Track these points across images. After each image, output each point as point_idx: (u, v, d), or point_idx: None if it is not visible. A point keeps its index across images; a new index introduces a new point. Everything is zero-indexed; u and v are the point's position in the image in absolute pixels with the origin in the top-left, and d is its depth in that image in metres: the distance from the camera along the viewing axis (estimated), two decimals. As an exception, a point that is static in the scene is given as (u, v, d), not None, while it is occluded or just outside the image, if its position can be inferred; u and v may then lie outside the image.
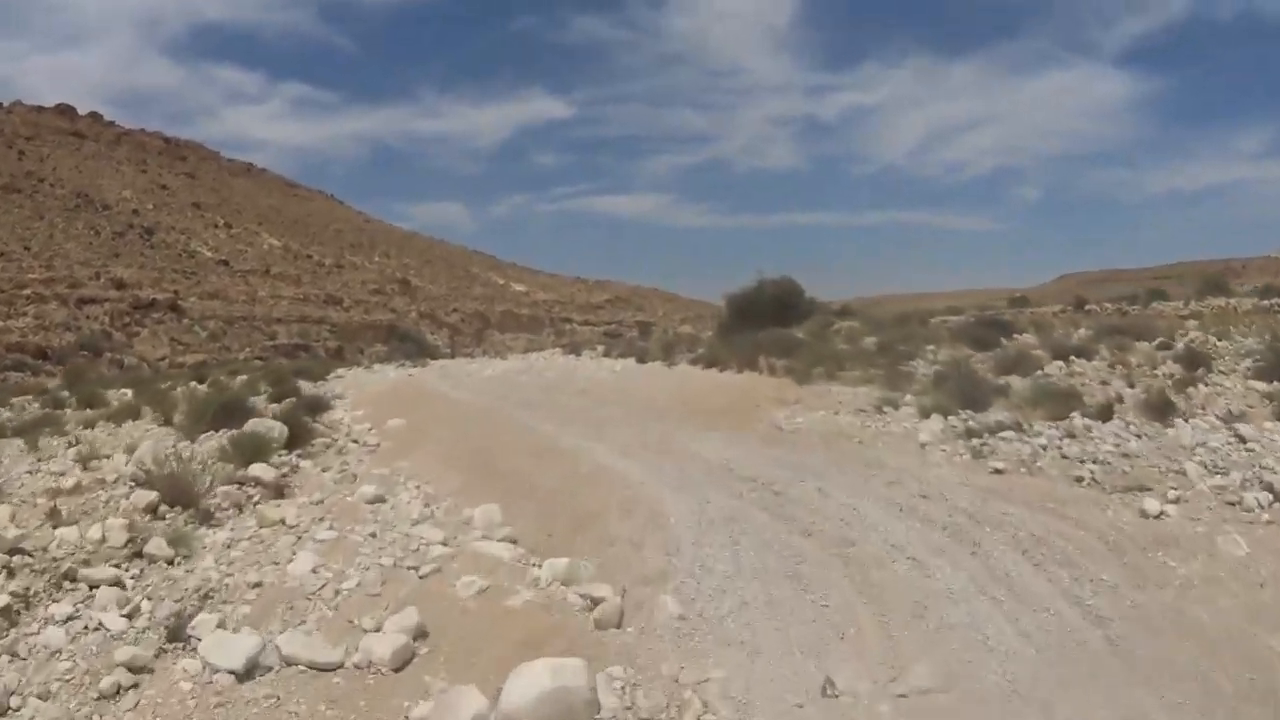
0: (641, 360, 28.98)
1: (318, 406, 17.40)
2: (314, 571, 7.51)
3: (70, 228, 61.68)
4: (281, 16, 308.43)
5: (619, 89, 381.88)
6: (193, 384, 26.62)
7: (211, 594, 7.20)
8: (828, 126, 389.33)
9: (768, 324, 27.22)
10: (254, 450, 11.25)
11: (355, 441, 14.95)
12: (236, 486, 10.50)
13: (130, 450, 12.58)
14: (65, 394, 25.26)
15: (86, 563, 7.34)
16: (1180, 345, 18.37)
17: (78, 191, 70.17)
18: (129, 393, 25.72)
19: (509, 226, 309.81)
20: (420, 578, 7.47)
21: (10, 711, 5.55)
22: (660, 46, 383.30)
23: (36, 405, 23.41)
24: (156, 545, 7.78)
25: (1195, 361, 16.55)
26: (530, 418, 15.95)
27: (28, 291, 46.98)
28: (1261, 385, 14.53)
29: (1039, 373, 17.05)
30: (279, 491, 10.81)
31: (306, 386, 28.70)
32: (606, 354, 36.90)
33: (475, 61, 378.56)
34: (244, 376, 30.41)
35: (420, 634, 6.27)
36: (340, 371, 38.71)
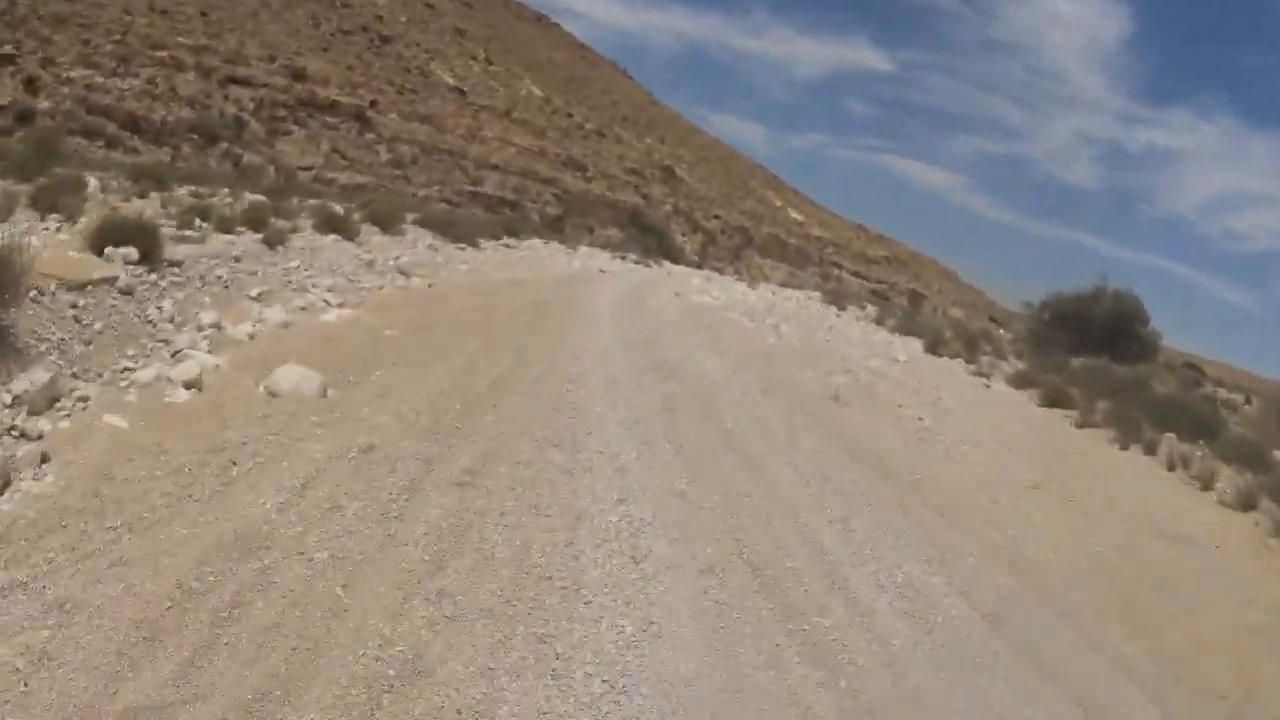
0: (933, 350, 18.93)
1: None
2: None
3: (287, 12, 51.58)
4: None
5: (942, 59, 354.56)
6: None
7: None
8: (1130, 158, 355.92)
9: (1091, 346, 21.90)
10: None
11: None
12: None
13: None
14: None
15: None
16: None
17: (321, -20, 60.45)
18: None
19: (803, 161, 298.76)
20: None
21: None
22: (992, 30, 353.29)
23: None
24: None
25: None
26: (647, 469, 5.83)
27: (163, 54, 36.36)
28: None
29: None
30: None
31: (418, 244, 16.19)
32: (879, 320, 25.42)
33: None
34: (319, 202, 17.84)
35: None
36: (517, 241, 25.30)
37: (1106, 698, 4.42)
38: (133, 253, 7.23)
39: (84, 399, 5.08)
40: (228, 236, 10.22)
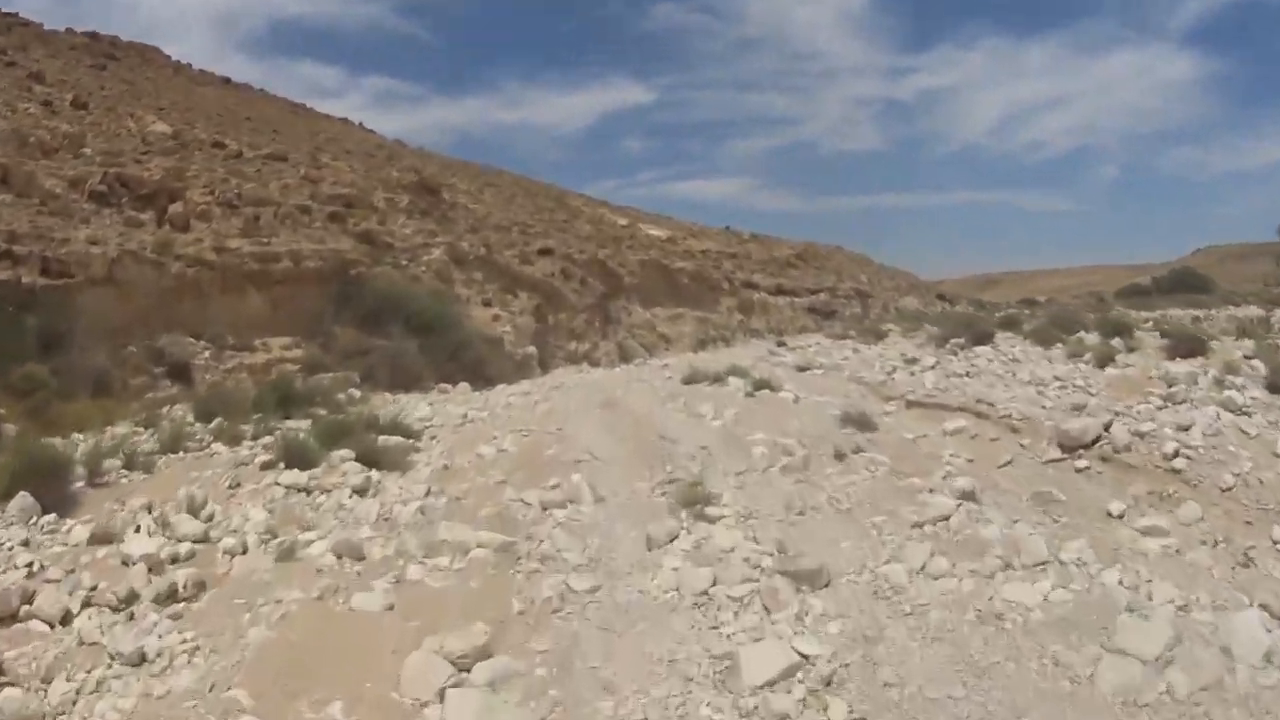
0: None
1: None
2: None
3: None
4: (361, 10, 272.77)
5: (701, 74, 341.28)
6: None
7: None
8: (907, 107, 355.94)
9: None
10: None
11: None
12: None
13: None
14: None
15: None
16: None
17: None
18: None
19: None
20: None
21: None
22: (740, 30, 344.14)
23: None
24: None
25: None
26: None
27: None
28: None
29: None
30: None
31: None
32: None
33: (557, 50, 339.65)
34: None
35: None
36: None
37: None
38: None
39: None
40: None
